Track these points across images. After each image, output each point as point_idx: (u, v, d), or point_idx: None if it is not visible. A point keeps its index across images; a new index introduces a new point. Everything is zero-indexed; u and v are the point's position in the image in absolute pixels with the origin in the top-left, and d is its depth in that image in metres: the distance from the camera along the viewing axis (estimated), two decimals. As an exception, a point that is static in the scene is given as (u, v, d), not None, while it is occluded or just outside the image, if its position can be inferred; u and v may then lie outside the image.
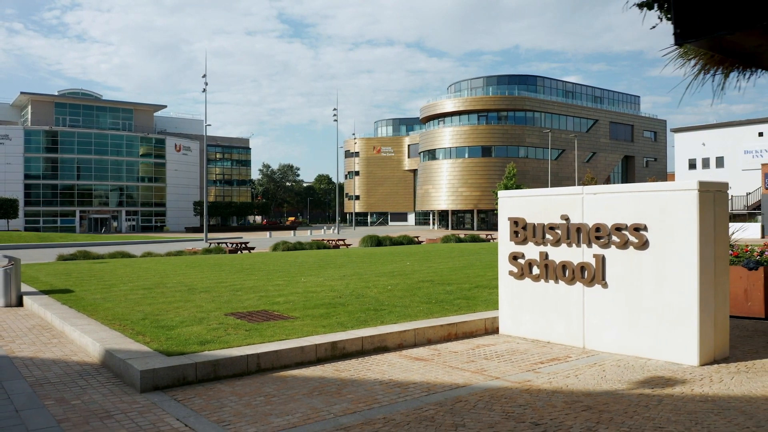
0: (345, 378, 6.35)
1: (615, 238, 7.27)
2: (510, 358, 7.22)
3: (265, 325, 8.19)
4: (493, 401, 5.46)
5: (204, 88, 53.30)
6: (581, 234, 7.63)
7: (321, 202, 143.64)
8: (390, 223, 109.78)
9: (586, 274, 7.56)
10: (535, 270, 8.18)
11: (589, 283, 7.53)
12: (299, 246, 30.38)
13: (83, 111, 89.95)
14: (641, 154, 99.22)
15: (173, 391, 5.91)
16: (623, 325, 7.25)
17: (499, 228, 8.74)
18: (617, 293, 7.29)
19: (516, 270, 8.42)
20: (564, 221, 7.83)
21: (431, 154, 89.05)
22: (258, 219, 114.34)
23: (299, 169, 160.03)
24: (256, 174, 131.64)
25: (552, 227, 7.98)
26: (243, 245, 33.04)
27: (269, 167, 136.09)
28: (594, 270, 7.46)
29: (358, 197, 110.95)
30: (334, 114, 76.17)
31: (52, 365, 7.02)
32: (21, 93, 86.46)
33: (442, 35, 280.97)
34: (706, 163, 66.09)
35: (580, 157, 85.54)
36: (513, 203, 8.57)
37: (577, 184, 74.94)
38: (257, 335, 7.54)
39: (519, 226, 8.38)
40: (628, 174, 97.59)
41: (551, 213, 8.02)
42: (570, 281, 7.74)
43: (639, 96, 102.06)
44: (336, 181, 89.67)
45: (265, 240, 48.42)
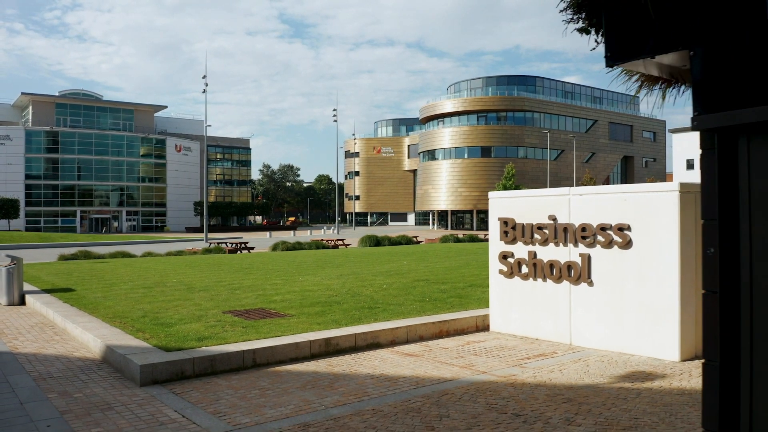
0: (337, 372, 6.58)
1: (600, 237, 7.50)
2: (498, 354, 7.45)
3: (262, 323, 8.42)
4: (478, 394, 5.69)
5: (204, 88, 53.52)
6: (568, 234, 7.86)
7: (321, 202, 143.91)
8: (390, 224, 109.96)
9: (572, 272, 7.79)
10: (524, 269, 8.41)
11: (576, 282, 7.76)
12: (298, 246, 30.61)
13: (84, 111, 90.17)
14: (640, 154, 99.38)
15: (171, 385, 6.15)
16: (608, 322, 7.47)
17: (490, 228, 8.97)
18: (602, 291, 7.52)
19: (506, 269, 8.65)
20: (551, 221, 8.06)
21: (431, 154, 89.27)
22: (258, 219, 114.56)
23: (299, 170, 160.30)
24: (256, 174, 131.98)
25: (540, 227, 8.21)
26: (242, 245, 33.27)
27: (269, 167, 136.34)
28: (580, 269, 7.69)
29: (358, 197, 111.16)
30: (333, 114, 76.35)
31: (54, 361, 7.25)
32: (22, 93, 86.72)
33: (442, 35, 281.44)
34: (704, 164, 66.12)
35: (579, 158, 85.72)
36: (503, 204, 8.80)
37: (576, 184, 75.12)
38: (253, 332, 7.77)
39: (508, 226, 8.61)
40: (627, 174, 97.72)
41: (539, 213, 8.25)
42: (557, 280, 7.97)
43: (639, 96, 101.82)
44: (336, 182, 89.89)
45: (265, 240, 48.63)
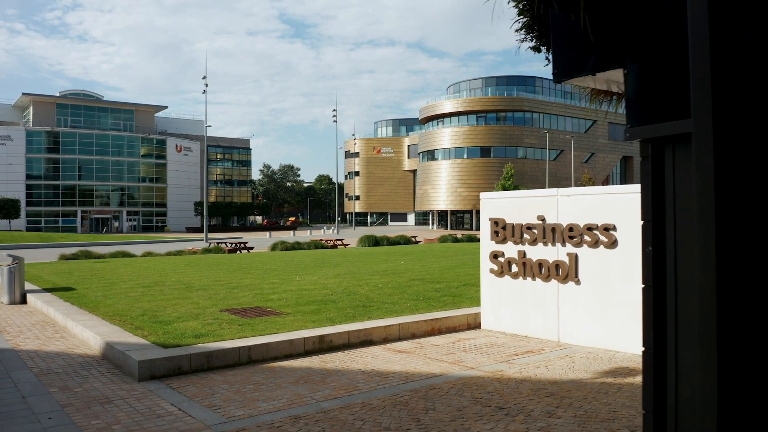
0: (330, 368, 6.78)
1: (587, 237, 7.70)
2: (487, 350, 7.65)
3: (258, 321, 8.62)
4: (465, 389, 5.89)
5: (204, 89, 53.74)
6: (556, 234, 8.06)
7: (321, 202, 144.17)
8: (390, 224, 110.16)
9: (560, 271, 7.99)
10: (514, 268, 8.61)
11: (563, 280, 7.96)
12: (297, 246, 30.82)
13: (84, 112, 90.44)
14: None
15: (169, 380, 6.35)
16: (595, 320, 7.67)
17: (481, 228, 9.17)
18: (589, 289, 7.72)
19: (496, 268, 8.85)
20: (540, 221, 8.26)
21: (430, 154, 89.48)
22: (259, 219, 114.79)
23: (300, 170, 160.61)
24: (256, 174, 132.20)
25: (529, 227, 8.40)
26: (242, 245, 33.49)
27: (270, 167, 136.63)
28: (567, 268, 7.89)
29: (358, 197, 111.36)
30: (333, 114, 76.56)
31: (55, 357, 7.45)
32: (23, 94, 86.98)
33: (443, 35, 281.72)
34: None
35: (578, 158, 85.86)
36: (493, 204, 8.99)
37: (575, 184, 75.30)
38: (249, 329, 7.97)
39: (499, 226, 8.81)
40: (626, 174, 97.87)
41: (529, 214, 8.45)
42: (546, 278, 8.17)
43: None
44: (336, 182, 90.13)
45: (265, 240, 48.84)
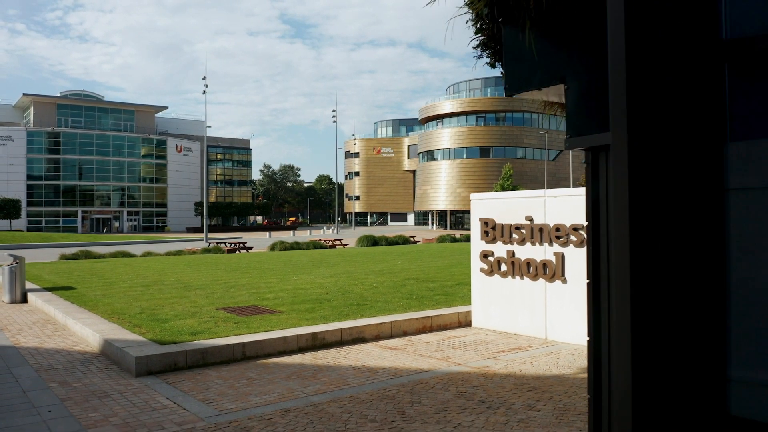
0: (322, 365, 6.99)
1: (573, 237, 7.90)
2: (476, 347, 7.85)
3: (253, 318, 8.82)
4: (450, 383, 6.09)
5: (204, 90, 53.93)
6: (543, 234, 8.26)
7: (322, 202, 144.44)
8: (390, 224, 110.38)
9: (547, 270, 8.19)
10: (503, 267, 8.81)
11: (551, 279, 8.16)
12: (296, 246, 31.03)
13: (85, 112, 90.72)
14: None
15: (165, 376, 6.55)
16: (580, 318, 7.86)
17: (472, 228, 9.37)
18: (575, 288, 7.92)
19: (486, 267, 9.05)
20: (528, 222, 8.46)
21: (430, 154, 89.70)
22: (259, 219, 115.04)
23: (300, 170, 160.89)
24: (257, 174, 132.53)
25: (518, 227, 8.61)
26: (241, 245, 33.70)
27: (270, 168, 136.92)
28: (554, 267, 8.09)
29: (358, 197, 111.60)
30: (333, 114, 76.78)
31: (55, 354, 7.66)
32: (23, 94, 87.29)
33: (443, 35, 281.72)
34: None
35: (577, 158, 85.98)
36: (484, 205, 9.20)
37: (574, 184, 75.48)
38: (245, 327, 8.18)
39: (489, 226, 9.01)
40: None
41: (517, 214, 8.65)
42: (534, 277, 8.38)
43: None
44: (336, 182, 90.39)
45: (265, 240, 49.05)
